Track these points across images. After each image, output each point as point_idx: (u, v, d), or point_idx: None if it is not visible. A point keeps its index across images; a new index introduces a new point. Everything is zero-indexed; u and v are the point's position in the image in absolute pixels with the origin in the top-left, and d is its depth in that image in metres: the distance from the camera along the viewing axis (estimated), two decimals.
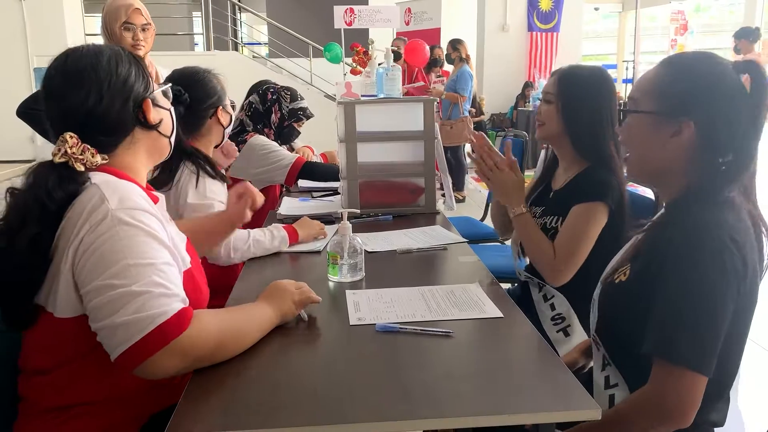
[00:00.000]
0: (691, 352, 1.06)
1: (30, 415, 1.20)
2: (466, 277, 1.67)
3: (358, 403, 1.02)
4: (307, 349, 1.26)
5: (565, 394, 1.02)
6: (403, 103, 2.44)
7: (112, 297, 1.04)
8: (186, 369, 1.09)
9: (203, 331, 1.09)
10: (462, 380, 1.09)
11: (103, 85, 1.17)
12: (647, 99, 1.21)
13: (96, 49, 1.21)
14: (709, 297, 1.07)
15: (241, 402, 1.02)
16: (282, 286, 1.33)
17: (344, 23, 7.70)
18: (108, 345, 1.05)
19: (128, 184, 1.17)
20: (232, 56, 9.74)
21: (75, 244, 1.08)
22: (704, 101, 1.15)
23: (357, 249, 1.61)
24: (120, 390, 1.18)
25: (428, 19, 9.31)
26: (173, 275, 1.11)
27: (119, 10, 2.51)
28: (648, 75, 1.24)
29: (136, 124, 1.22)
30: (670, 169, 1.20)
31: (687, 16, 9.40)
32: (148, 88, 1.24)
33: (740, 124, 1.14)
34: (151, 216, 1.14)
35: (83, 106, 1.15)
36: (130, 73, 1.21)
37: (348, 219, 1.63)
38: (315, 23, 10.95)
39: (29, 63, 9.17)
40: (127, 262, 1.06)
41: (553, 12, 9.50)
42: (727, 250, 1.07)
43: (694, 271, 1.08)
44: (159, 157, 1.31)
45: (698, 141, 1.16)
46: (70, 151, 1.13)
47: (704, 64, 1.20)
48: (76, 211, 1.11)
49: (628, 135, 1.26)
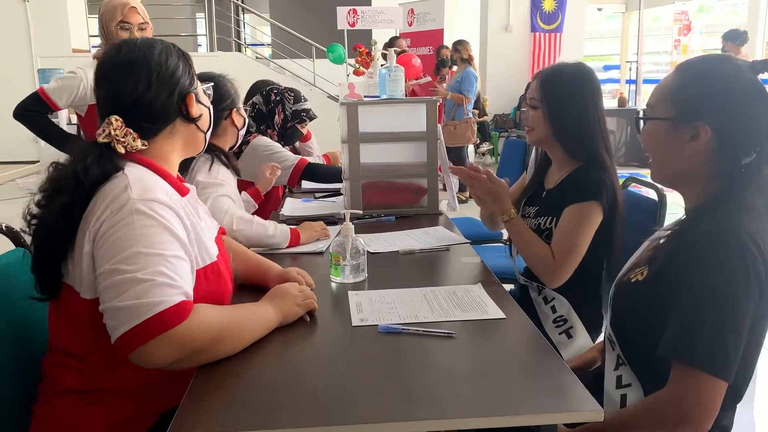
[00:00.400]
0: (710, 355, 1.05)
1: (50, 396, 1.24)
2: (468, 278, 1.67)
3: (359, 404, 1.02)
4: (309, 349, 1.26)
5: (568, 396, 1.02)
6: (405, 104, 2.44)
7: (118, 281, 1.08)
8: (182, 361, 1.10)
9: (202, 323, 1.11)
10: (464, 381, 1.09)
11: (152, 75, 1.24)
12: (663, 105, 1.21)
13: (149, 42, 1.29)
14: (732, 301, 1.05)
15: (242, 402, 1.02)
16: (285, 289, 1.36)
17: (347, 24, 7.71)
18: (110, 327, 1.08)
19: (156, 178, 1.23)
20: (235, 57, 9.76)
21: (95, 228, 1.13)
22: (719, 104, 1.15)
23: (359, 250, 1.61)
24: (137, 381, 1.21)
25: (431, 20, 9.31)
26: (181, 269, 1.14)
27: (115, 9, 2.51)
28: (664, 81, 1.24)
29: (178, 115, 1.29)
30: (692, 173, 1.20)
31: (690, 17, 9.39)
32: (193, 84, 1.32)
33: (760, 123, 1.13)
34: (170, 210, 1.18)
35: (132, 93, 1.23)
36: (178, 66, 1.29)
37: (351, 220, 1.63)
38: (318, 24, 10.97)
39: (33, 64, 9.21)
40: (138, 249, 1.10)
41: (557, 12, 9.49)
42: (749, 254, 1.06)
43: (717, 274, 1.06)
44: (193, 150, 1.38)
45: (716, 144, 1.15)
46: (113, 132, 1.21)
47: (718, 66, 1.19)
48: (102, 196, 1.16)
49: (647, 141, 1.26)
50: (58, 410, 1.21)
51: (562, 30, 9.55)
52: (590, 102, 1.76)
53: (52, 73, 6.74)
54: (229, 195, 2.04)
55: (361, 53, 3.05)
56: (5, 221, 1.49)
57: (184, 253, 1.17)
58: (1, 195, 7.36)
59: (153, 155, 1.26)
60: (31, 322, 1.39)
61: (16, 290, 1.38)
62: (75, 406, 1.21)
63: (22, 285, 1.40)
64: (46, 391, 1.25)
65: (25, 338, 1.35)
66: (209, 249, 1.29)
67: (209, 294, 1.24)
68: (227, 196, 2.02)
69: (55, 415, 1.22)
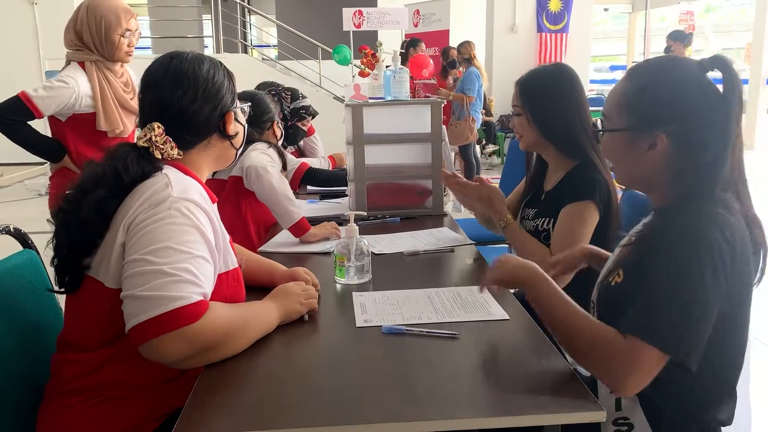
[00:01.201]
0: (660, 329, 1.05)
1: (57, 395, 1.25)
2: (472, 279, 1.67)
3: (364, 405, 1.02)
4: (313, 350, 1.27)
5: (571, 396, 1.02)
6: (410, 105, 2.45)
7: (143, 270, 1.10)
8: (190, 358, 1.11)
9: (213, 321, 1.13)
10: (467, 382, 1.09)
11: (199, 90, 1.29)
12: (618, 116, 1.22)
13: (199, 57, 1.34)
14: (689, 283, 1.05)
15: (247, 402, 1.03)
16: (289, 288, 1.38)
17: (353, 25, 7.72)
18: (127, 314, 1.10)
19: (193, 180, 1.28)
20: (241, 59, 9.78)
21: (130, 220, 1.17)
22: (672, 112, 1.15)
23: (364, 251, 1.62)
24: (146, 377, 1.22)
25: (437, 21, 9.31)
26: (206, 270, 1.17)
27: (119, 17, 2.37)
28: (616, 89, 1.24)
29: (215, 131, 1.34)
30: (654, 178, 1.21)
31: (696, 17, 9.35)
32: (234, 102, 1.37)
33: (714, 123, 1.13)
34: (203, 213, 1.22)
35: (177, 104, 1.28)
36: (223, 84, 1.34)
37: (355, 221, 1.64)
38: (324, 25, 10.99)
39: (41, 66, 9.25)
40: (169, 244, 1.13)
41: (563, 13, 9.47)
42: (716, 243, 1.06)
43: (680, 259, 1.07)
44: (223, 165, 1.42)
45: (675, 150, 1.16)
46: (154, 138, 1.25)
47: (668, 71, 1.19)
48: (141, 190, 1.20)
49: (607, 152, 1.28)
50: (64, 410, 1.23)
51: (569, 30, 9.52)
52: (571, 101, 1.77)
53: None
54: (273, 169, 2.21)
55: (366, 54, 3.06)
56: (13, 223, 1.51)
57: (209, 256, 1.19)
58: (9, 196, 7.40)
59: (186, 165, 1.31)
60: (38, 323, 1.41)
61: (24, 292, 1.40)
62: (82, 405, 1.22)
63: (30, 286, 1.42)
64: (52, 390, 1.27)
65: (31, 339, 1.37)
66: (233, 255, 1.33)
67: (227, 299, 1.26)
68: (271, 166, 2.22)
69: (62, 414, 1.23)
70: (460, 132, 6.49)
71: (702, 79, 1.16)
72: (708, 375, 1.13)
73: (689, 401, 1.16)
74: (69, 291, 1.25)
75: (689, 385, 1.14)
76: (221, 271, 1.27)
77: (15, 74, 9.19)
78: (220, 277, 1.25)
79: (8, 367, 1.28)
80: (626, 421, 1.18)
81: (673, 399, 1.16)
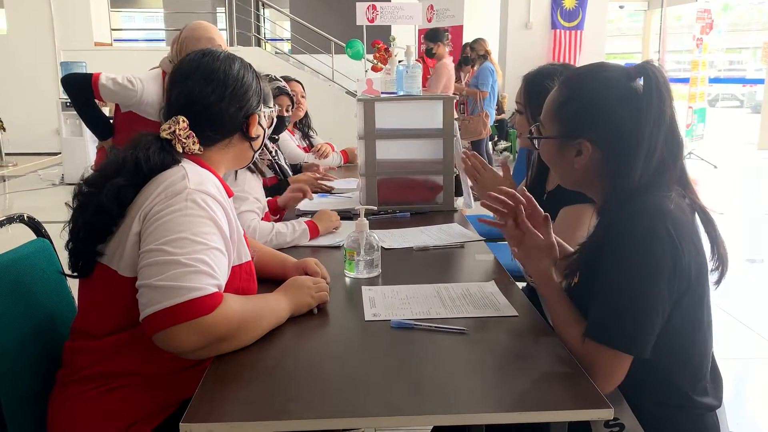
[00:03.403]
0: (621, 333, 1.11)
1: (69, 383, 1.26)
2: (482, 275, 1.67)
3: (370, 397, 1.03)
4: (321, 343, 1.27)
5: (578, 394, 1.02)
6: (422, 100, 2.45)
7: (159, 260, 1.11)
8: (203, 349, 1.12)
9: (227, 313, 1.13)
10: (475, 377, 1.10)
11: (228, 89, 1.31)
12: (549, 123, 1.28)
13: (231, 56, 1.36)
14: (637, 278, 1.10)
15: (256, 393, 1.04)
16: (300, 281, 1.39)
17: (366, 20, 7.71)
18: (142, 304, 1.11)
19: (210, 174, 1.29)
20: (255, 52, 9.81)
21: (146, 210, 1.18)
22: (593, 119, 1.21)
23: (374, 245, 1.62)
24: (159, 366, 1.23)
25: (450, 17, 9.27)
26: (220, 262, 1.17)
27: (200, 41, 2.56)
28: (550, 96, 1.29)
29: (238, 131, 1.35)
30: (588, 180, 1.26)
31: (713, 15, 9.25)
32: (259, 105, 1.38)
33: (635, 128, 1.16)
34: (220, 206, 1.23)
35: (205, 100, 1.29)
36: (251, 86, 1.36)
37: (366, 216, 1.64)
38: (337, 20, 10.99)
39: (56, 57, 9.32)
40: (185, 235, 1.13)
41: (577, 10, 9.41)
42: (658, 235, 1.10)
43: (625, 254, 1.12)
44: (239, 165, 1.44)
45: (601, 155, 1.21)
46: (178, 131, 1.27)
47: (591, 79, 1.24)
48: (158, 181, 1.22)
49: (544, 156, 1.32)
50: (75, 397, 1.24)
51: (583, 27, 9.46)
52: None
53: (75, 66, 6.81)
54: (252, 210, 2.01)
55: (379, 49, 3.06)
56: (27, 211, 1.52)
57: (224, 248, 1.20)
58: (24, 186, 7.48)
59: (205, 160, 1.32)
60: (50, 311, 1.43)
61: (37, 280, 1.41)
62: (93, 393, 1.23)
63: (43, 275, 1.44)
64: (64, 377, 1.28)
65: (44, 326, 1.39)
66: (246, 248, 1.34)
67: (239, 291, 1.28)
68: (251, 211, 2.00)
69: (72, 402, 1.24)
70: (474, 127, 6.48)
71: (626, 86, 1.20)
72: (678, 364, 1.18)
73: (668, 393, 1.19)
74: (81, 275, 1.26)
75: (663, 376, 1.18)
76: (234, 264, 1.27)
77: (30, 64, 9.28)
78: (233, 270, 1.26)
79: (21, 355, 1.30)
80: (617, 422, 1.19)
81: (652, 393, 1.19)
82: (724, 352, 2.70)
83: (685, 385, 1.19)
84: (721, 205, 6.08)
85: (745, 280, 4.12)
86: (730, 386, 2.23)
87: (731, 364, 2.92)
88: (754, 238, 5.53)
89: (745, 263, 4.56)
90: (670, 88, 1.18)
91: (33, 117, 9.05)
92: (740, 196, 7.05)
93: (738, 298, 3.65)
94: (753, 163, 9.34)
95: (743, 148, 10.85)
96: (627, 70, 1.22)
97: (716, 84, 16.64)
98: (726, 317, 3.40)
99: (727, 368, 1.55)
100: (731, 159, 9.31)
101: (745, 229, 5.68)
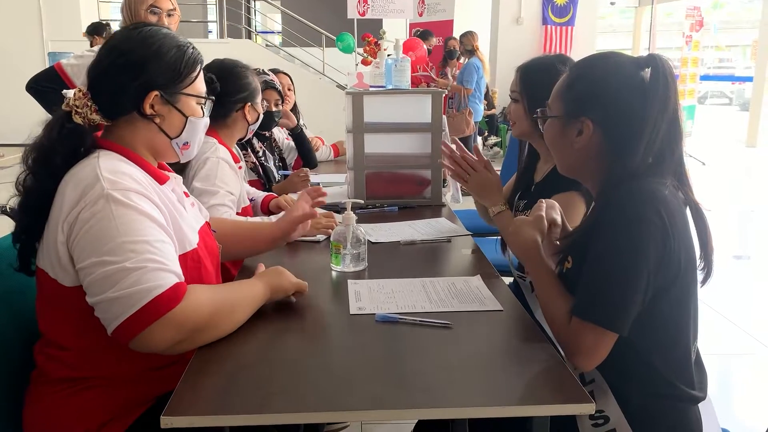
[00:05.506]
0: (603, 311, 1.13)
1: (41, 384, 1.24)
2: (468, 269, 1.67)
3: (355, 391, 1.03)
4: (306, 336, 1.27)
5: (561, 388, 1.03)
6: (411, 94, 2.44)
7: (107, 273, 1.07)
8: (181, 342, 1.11)
9: (196, 302, 1.11)
10: (459, 371, 1.09)
11: (123, 56, 1.22)
12: (555, 104, 1.31)
13: (155, 30, 1.27)
14: (624, 256, 1.12)
15: (238, 386, 1.03)
16: (280, 269, 1.37)
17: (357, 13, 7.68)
18: (104, 319, 1.08)
19: (127, 165, 1.21)
20: (245, 44, 9.76)
21: (70, 220, 1.12)
22: (597, 98, 1.23)
23: (360, 239, 1.62)
24: (130, 367, 1.21)
25: (441, 11, 9.27)
26: (168, 252, 1.14)
27: (145, 2, 2.48)
28: (559, 81, 1.32)
29: (134, 108, 1.24)
30: (587, 165, 1.28)
31: (703, 13, 9.29)
32: (169, 86, 1.25)
33: (637, 114, 1.18)
34: (144, 197, 1.17)
35: (100, 65, 1.23)
36: (160, 59, 1.23)
37: (353, 209, 1.64)
38: (329, 13, 10.94)
39: (44, 47, 9.24)
40: (122, 239, 1.09)
41: (568, 6, 9.42)
42: (649, 218, 1.11)
43: (615, 234, 1.13)
44: (161, 155, 1.33)
45: (601, 136, 1.23)
46: (73, 102, 1.21)
47: (601, 63, 1.27)
48: (71, 183, 1.15)
49: (547, 138, 1.34)
50: (48, 396, 1.22)
51: (574, 23, 9.48)
52: None
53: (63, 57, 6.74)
54: (223, 203, 1.95)
55: (369, 43, 3.05)
56: (12, 203, 1.50)
57: (166, 237, 1.17)
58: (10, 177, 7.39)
59: (120, 143, 1.24)
60: (29, 307, 1.38)
61: (16, 273, 1.38)
62: (68, 392, 1.21)
63: None
64: (38, 378, 1.25)
65: (21, 323, 1.35)
66: (189, 236, 1.28)
67: (188, 281, 1.20)
68: (221, 205, 1.95)
69: (46, 400, 1.22)
70: (457, 125, 6.48)
71: (634, 72, 1.22)
72: (663, 351, 1.19)
73: (653, 381, 1.20)
74: (26, 273, 1.24)
75: (649, 363, 1.19)
76: (179, 253, 1.22)
77: (18, 55, 9.18)
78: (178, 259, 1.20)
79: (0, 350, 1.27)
80: (602, 414, 1.20)
81: (638, 381, 1.20)
82: (709, 348, 2.74)
83: (669, 373, 1.19)
84: (709, 201, 6.12)
85: (730, 277, 4.16)
86: (714, 381, 2.25)
87: (716, 359, 2.95)
88: (740, 234, 5.58)
89: (732, 259, 4.59)
90: (676, 81, 1.21)
91: (19, 108, 8.95)
92: (728, 193, 7.10)
93: (723, 294, 3.68)
94: (741, 160, 9.42)
95: (732, 146, 10.94)
96: (636, 59, 1.24)
97: (705, 81, 16.72)
98: (711, 313, 3.42)
99: (712, 363, 1.57)
100: (720, 156, 9.38)
101: (733, 225, 5.73)
